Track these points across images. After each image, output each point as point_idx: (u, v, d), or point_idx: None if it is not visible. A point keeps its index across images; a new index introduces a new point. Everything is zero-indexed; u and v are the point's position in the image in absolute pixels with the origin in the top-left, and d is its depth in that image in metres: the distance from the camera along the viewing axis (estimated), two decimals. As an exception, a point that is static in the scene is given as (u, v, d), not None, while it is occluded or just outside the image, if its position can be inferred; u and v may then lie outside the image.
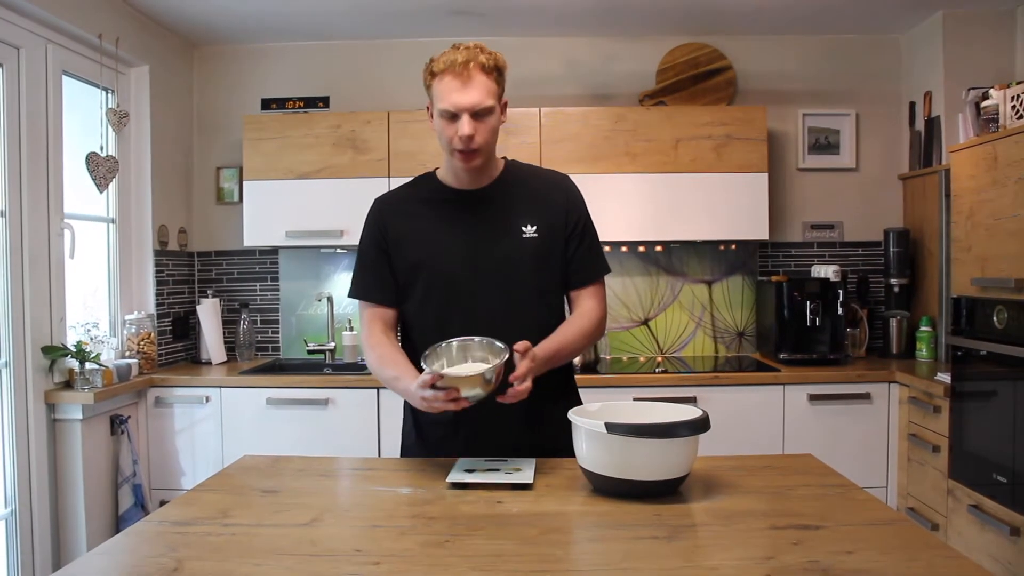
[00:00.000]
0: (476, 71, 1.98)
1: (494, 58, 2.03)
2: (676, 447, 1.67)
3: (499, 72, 2.05)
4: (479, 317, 2.06)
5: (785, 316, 4.09)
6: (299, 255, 4.58)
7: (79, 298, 3.82)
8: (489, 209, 2.14)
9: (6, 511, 3.25)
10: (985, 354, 3.13)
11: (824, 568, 1.32)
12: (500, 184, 2.17)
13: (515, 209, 2.14)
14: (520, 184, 2.19)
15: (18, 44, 3.28)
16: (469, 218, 2.14)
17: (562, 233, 2.17)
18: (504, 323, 2.05)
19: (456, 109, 1.97)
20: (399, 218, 2.19)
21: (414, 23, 4.27)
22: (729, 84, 4.48)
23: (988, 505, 3.06)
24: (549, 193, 2.20)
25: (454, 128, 2.00)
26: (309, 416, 3.82)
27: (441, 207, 2.16)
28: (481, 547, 1.51)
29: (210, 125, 4.64)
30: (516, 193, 2.17)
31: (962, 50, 4.08)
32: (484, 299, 2.09)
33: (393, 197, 2.26)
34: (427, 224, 2.16)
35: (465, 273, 2.10)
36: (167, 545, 1.48)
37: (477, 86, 1.98)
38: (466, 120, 1.98)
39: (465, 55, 1.97)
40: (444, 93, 1.98)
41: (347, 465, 2.16)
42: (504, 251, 2.11)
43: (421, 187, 2.22)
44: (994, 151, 3.16)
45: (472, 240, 2.12)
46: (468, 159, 2.04)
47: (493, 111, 2.02)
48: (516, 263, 2.10)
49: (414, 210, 2.18)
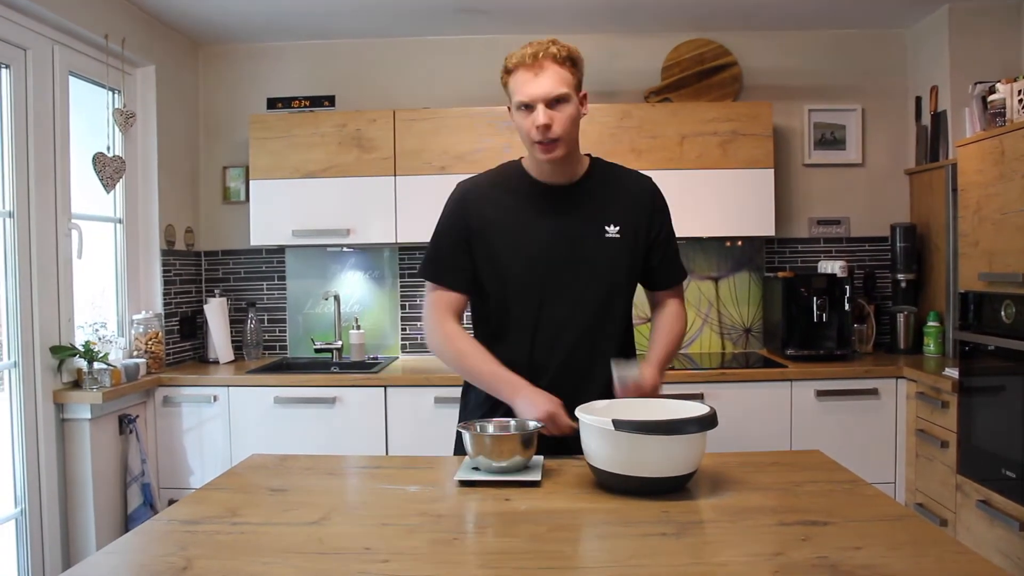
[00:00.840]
0: (547, 61, 2.00)
1: (567, 48, 2.04)
2: (684, 444, 1.67)
3: (573, 62, 2.06)
4: (561, 311, 2.12)
5: (792, 312, 4.08)
6: (306, 254, 4.59)
7: (87, 298, 3.83)
8: (573, 205, 2.16)
9: (16, 511, 3.26)
10: (993, 349, 3.13)
11: (833, 564, 1.32)
12: (586, 182, 2.19)
13: (599, 208, 2.16)
14: (606, 183, 2.20)
15: (25, 45, 3.29)
16: (553, 212, 2.15)
17: (645, 236, 2.20)
18: (584, 319, 2.12)
19: (530, 100, 2.00)
20: (485, 205, 2.18)
21: (419, 21, 4.27)
22: (734, 80, 4.48)
23: (997, 500, 3.05)
24: (635, 195, 2.22)
25: (531, 120, 2.02)
26: (317, 415, 3.82)
27: (527, 199, 2.17)
28: (489, 544, 1.51)
29: (216, 125, 4.64)
30: (601, 192, 2.18)
31: (968, 44, 4.07)
32: (566, 294, 2.12)
33: (475, 182, 2.25)
34: (513, 215, 2.16)
35: (555, 269, 2.12)
36: (176, 544, 1.49)
37: (549, 75, 2.00)
38: (541, 109, 1.99)
39: (534, 48, 2.01)
40: (518, 86, 2.01)
41: (355, 463, 2.16)
42: (585, 250, 2.14)
43: (508, 176, 2.23)
44: (1001, 145, 3.15)
45: (556, 235, 2.13)
46: (548, 150, 2.05)
47: (569, 100, 2.03)
48: (594, 262, 2.13)
49: (500, 199, 2.19)
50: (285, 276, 4.64)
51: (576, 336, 2.12)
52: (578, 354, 2.13)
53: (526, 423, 1.92)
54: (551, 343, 2.12)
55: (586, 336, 2.10)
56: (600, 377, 2.12)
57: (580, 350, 2.13)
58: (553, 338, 2.12)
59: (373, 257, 4.56)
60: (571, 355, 2.13)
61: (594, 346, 2.13)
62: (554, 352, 2.12)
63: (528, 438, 1.84)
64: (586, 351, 2.14)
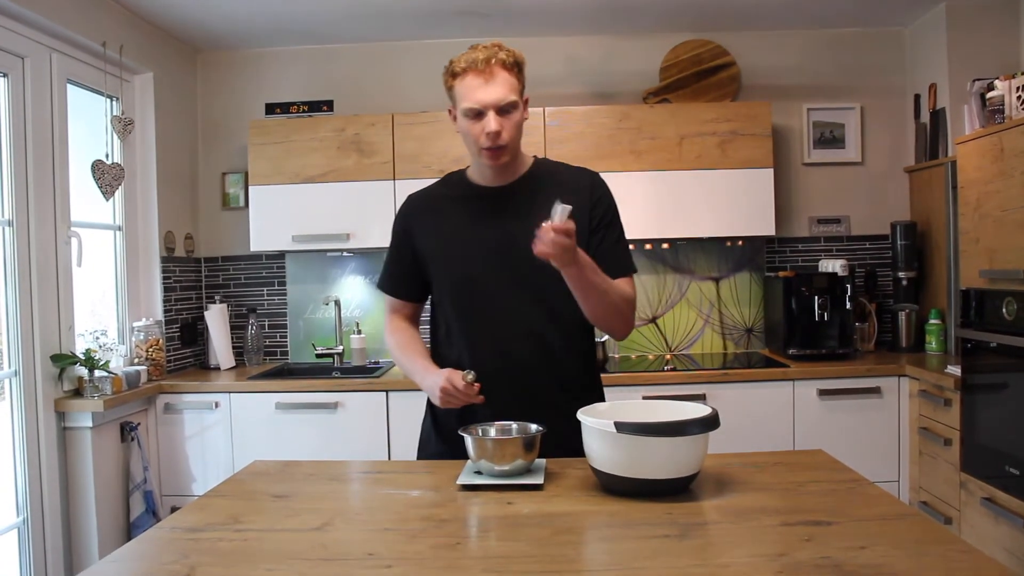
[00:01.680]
0: (498, 68, 1.99)
1: (513, 54, 2.04)
2: (686, 445, 1.67)
3: (519, 68, 2.06)
4: (508, 314, 2.10)
5: (793, 311, 4.08)
6: (306, 259, 4.59)
7: (87, 306, 3.83)
8: (514, 205, 2.14)
9: (18, 520, 3.26)
10: (995, 346, 3.12)
11: (837, 564, 1.31)
12: (527, 181, 2.18)
13: (539, 205, 2.11)
14: (546, 180, 2.18)
15: (23, 53, 3.30)
16: (497, 215, 2.14)
17: (586, 228, 2.15)
18: (533, 317, 2.10)
19: (481, 106, 1.99)
20: (427, 215, 2.21)
21: (417, 25, 4.27)
22: (733, 80, 4.48)
23: (1001, 498, 3.05)
24: (574, 189, 2.18)
25: (480, 126, 2.01)
26: (319, 420, 3.82)
27: (469, 204, 2.18)
28: (493, 548, 1.51)
29: (215, 131, 4.64)
30: (543, 189, 2.15)
31: (966, 41, 4.07)
32: (512, 296, 2.10)
33: (423, 194, 2.29)
34: (455, 222, 2.18)
35: (492, 270, 2.11)
36: (179, 551, 1.48)
37: (500, 82, 1.99)
38: (492, 116, 1.99)
39: (485, 53, 1.99)
40: (467, 92, 2.00)
41: (357, 469, 2.16)
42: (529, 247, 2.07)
43: (450, 185, 2.25)
44: (1000, 142, 3.14)
45: (499, 237, 2.12)
46: (496, 156, 2.05)
47: (517, 106, 2.04)
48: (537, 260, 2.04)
49: (443, 207, 2.21)
50: (285, 281, 4.64)
51: (526, 336, 2.10)
52: (529, 353, 2.11)
53: (528, 426, 1.92)
54: (500, 344, 2.10)
55: (536, 334, 2.08)
56: (554, 374, 2.12)
57: (531, 349, 2.11)
58: (502, 339, 2.11)
59: (373, 261, 4.56)
60: (522, 355, 2.10)
61: (545, 344, 2.11)
62: (504, 352, 2.10)
63: (530, 441, 1.84)
64: (537, 349, 2.11)
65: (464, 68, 2.00)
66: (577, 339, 2.18)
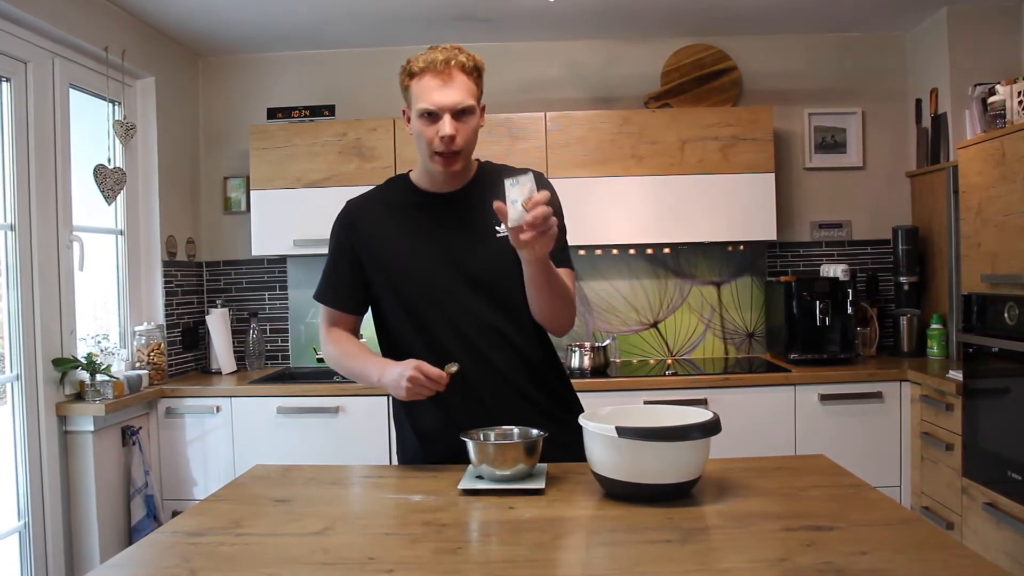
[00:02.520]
0: (457, 70, 1.95)
1: (473, 59, 2.00)
2: (688, 450, 1.67)
3: (479, 73, 2.02)
4: (463, 318, 2.05)
5: (795, 316, 4.08)
6: (307, 263, 4.59)
7: (89, 310, 3.83)
8: (461, 211, 2.10)
9: (19, 524, 3.25)
10: (997, 351, 3.12)
11: (838, 569, 1.31)
12: (472, 186, 2.13)
13: (487, 209, 1.99)
14: (491, 183, 2.07)
15: (25, 58, 3.30)
16: (441, 221, 2.10)
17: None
18: (490, 322, 2.05)
19: (437, 108, 1.95)
20: (367, 222, 2.15)
21: (418, 30, 4.28)
22: (734, 85, 4.48)
23: (1003, 503, 3.04)
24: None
25: (434, 129, 1.97)
26: (320, 424, 3.82)
27: (410, 211, 2.13)
28: (494, 553, 1.51)
29: (216, 135, 4.65)
30: (488, 193, 2.03)
31: (968, 46, 4.07)
32: (465, 300, 2.05)
33: (362, 200, 2.22)
34: (397, 228, 2.12)
35: (441, 276, 2.07)
36: (180, 556, 1.48)
37: (458, 85, 1.95)
38: (447, 120, 1.95)
39: (445, 54, 1.95)
40: (424, 92, 1.95)
41: (358, 473, 2.15)
42: (478, 254, 2.07)
43: (391, 190, 2.20)
44: (1002, 147, 3.14)
45: (445, 242, 2.08)
46: (449, 163, 2.01)
47: (474, 112, 2.00)
48: (492, 262, 2.05)
49: (383, 214, 2.15)
50: (287, 286, 4.64)
51: (489, 341, 2.04)
52: (491, 356, 2.07)
53: (529, 431, 1.91)
54: (454, 352, 2.04)
55: (499, 337, 2.02)
56: (522, 375, 2.09)
57: (495, 352, 2.07)
58: (457, 347, 2.05)
59: (375, 266, 4.55)
60: (486, 360, 2.06)
61: (502, 346, 2.06)
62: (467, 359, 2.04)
63: (531, 446, 1.84)
64: (495, 352, 2.06)
65: (422, 68, 1.96)
66: (537, 339, 2.14)
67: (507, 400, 2.08)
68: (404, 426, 2.22)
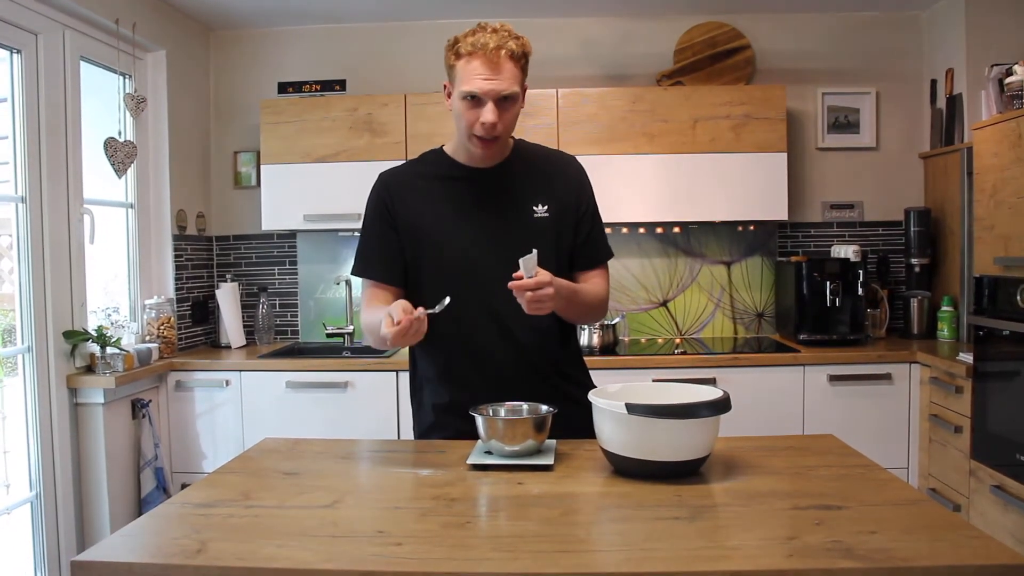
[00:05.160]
0: (506, 58, 1.94)
1: (522, 45, 1.99)
2: (697, 427, 1.67)
3: (526, 59, 2.02)
4: (493, 296, 2.03)
5: (805, 297, 4.06)
6: (317, 238, 4.59)
7: (99, 283, 3.85)
8: (500, 188, 2.13)
9: (31, 495, 3.28)
10: (1008, 334, 3.11)
11: (847, 548, 1.31)
12: (511, 163, 2.15)
13: (526, 188, 2.12)
14: (530, 163, 2.17)
15: (36, 30, 3.29)
16: (480, 196, 2.12)
17: (573, 214, 2.16)
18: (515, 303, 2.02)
19: (482, 94, 1.95)
20: (407, 194, 2.15)
21: (430, 4, 4.25)
22: (747, 63, 4.44)
23: (1011, 485, 3.04)
24: (560, 173, 2.19)
25: (476, 113, 1.97)
26: (329, 399, 3.83)
27: (451, 184, 2.14)
28: (502, 528, 1.51)
29: (227, 109, 4.64)
30: (527, 172, 2.15)
31: (984, 26, 4.02)
32: (500, 277, 2.03)
33: (399, 172, 2.22)
34: (437, 201, 2.13)
35: (477, 251, 2.09)
36: (190, 527, 1.49)
37: (505, 73, 1.95)
38: (491, 107, 1.95)
39: (496, 40, 1.93)
40: (470, 76, 1.95)
41: (367, 447, 2.16)
42: (516, 230, 2.10)
43: (429, 163, 2.20)
44: (1018, 128, 3.11)
45: (483, 218, 2.10)
46: (487, 146, 2.03)
47: (517, 99, 2.01)
48: (530, 241, 2.05)
49: (423, 186, 2.15)
50: (296, 261, 4.64)
51: (508, 317, 2.05)
52: (517, 334, 2.09)
53: (539, 407, 1.92)
54: (487, 327, 2.07)
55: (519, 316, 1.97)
56: (542, 356, 2.13)
57: (517, 330, 2.09)
58: (489, 322, 2.07)
59: (384, 242, 4.55)
60: (510, 336, 2.08)
61: (528, 325, 2.07)
62: (493, 335, 2.07)
63: (541, 422, 1.84)
64: (520, 330, 2.08)
65: (470, 51, 1.94)
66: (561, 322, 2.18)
67: (527, 379, 2.09)
68: (423, 401, 2.23)
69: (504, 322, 2.07)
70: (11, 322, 3.32)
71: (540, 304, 1.86)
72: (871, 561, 1.27)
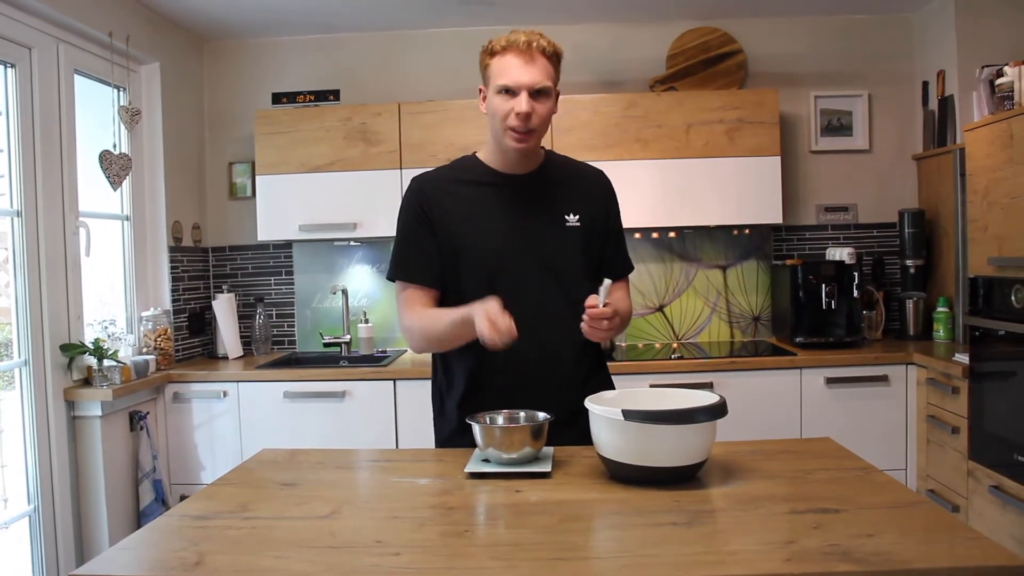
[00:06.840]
0: (538, 53, 2.01)
1: (554, 45, 2.06)
2: (694, 433, 1.67)
3: (558, 59, 2.08)
4: (529, 300, 2.05)
5: (801, 300, 4.07)
6: (313, 248, 4.59)
7: (96, 295, 3.84)
8: (535, 194, 2.15)
9: (28, 508, 3.28)
10: (1003, 334, 3.11)
11: (845, 551, 1.32)
12: (544, 171, 2.18)
13: (558, 197, 2.16)
14: (562, 173, 2.21)
15: (29, 44, 3.30)
16: (514, 202, 2.14)
17: (602, 226, 2.21)
18: (553, 307, 2.09)
19: (516, 85, 1.99)
20: (443, 198, 2.15)
21: (423, 14, 4.26)
22: (740, 68, 4.46)
23: (1009, 485, 3.05)
24: (591, 186, 2.25)
25: (511, 105, 2.00)
26: (326, 409, 3.83)
27: (485, 189, 2.15)
28: (501, 536, 1.52)
29: (221, 120, 4.65)
30: (559, 182, 2.18)
31: (975, 27, 4.04)
32: (533, 282, 2.09)
33: (434, 177, 2.22)
34: (471, 205, 2.14)
35: (513, 255, 2.10)
36: (189, 539, 1.49)
37: (539, 66, 2.00)
38: (525, 97, 1.98)
39: (528, 36, 2.00)
40: (505, 69, 2.00)
41: (365, 457, 2.17)
42: (551, 236, 2.13)
43: (464, 169, 2.21)
44: (1010, 129, 3.13)
45: (518, 224, 2.12)
46: (522, 138, 2.03)
47: (550, 95, 2.04)
48: (562, 249, 2.12)
49: (457, 190, 2.16)
50: (293, 271, 4.64)
51: (546, 324, 2.07)
52: (550, 342, 2.10)
53: (535, 414, 1.92)
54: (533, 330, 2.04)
55: (555, 323, 2.05)
56: (570, 363, 2.15)
57: (551, 338, 2.10)
58: (534, 325, 2.05)
59: (380, 250, 4.56)
60: (543, 344, 2.09)
61: (563, 333, 2.09)
62: (537, 338, 2.06)
63: (538, 429, 1.84)
64: (557, 338, 2.10)
65: (504, 47, 2.01)
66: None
67: (554, 386, 2.10)
68: (444, 407, 2.24)
69: (534, 326, 2.06)
70: (7, 335, 3.32)
71: (601, 333, 1.94)
72: (869, 564, 1.27)
